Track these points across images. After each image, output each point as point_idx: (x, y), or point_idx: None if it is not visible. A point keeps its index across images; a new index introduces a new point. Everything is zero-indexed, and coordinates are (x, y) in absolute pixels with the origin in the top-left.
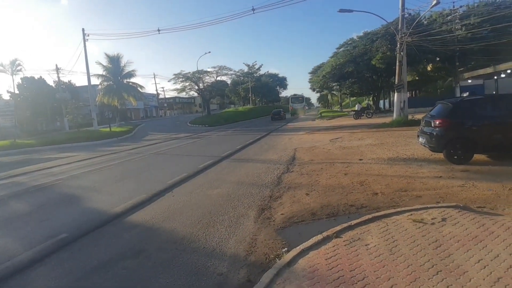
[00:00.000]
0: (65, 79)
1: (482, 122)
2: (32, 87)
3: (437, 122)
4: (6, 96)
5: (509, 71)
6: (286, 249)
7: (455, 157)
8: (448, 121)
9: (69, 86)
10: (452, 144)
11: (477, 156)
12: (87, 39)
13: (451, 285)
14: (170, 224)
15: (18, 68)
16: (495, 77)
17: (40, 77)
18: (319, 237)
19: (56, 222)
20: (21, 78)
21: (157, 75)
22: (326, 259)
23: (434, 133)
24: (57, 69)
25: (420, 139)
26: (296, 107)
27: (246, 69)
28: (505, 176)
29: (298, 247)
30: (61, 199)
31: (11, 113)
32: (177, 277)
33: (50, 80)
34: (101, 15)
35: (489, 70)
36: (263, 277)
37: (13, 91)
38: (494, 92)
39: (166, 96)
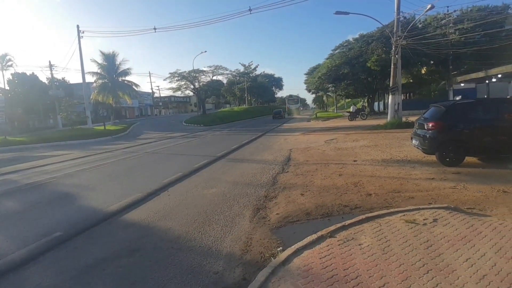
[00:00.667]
0: (58, 76)
1: (474, 125)
2: (24, 83)
3: (430, 125)
4: None
5: (500, 76)
6: (281, 248)
7: (447, 159)
8: (441, 124)
9: (63, 83)
10: (445, 146)
11: (468, 159)
12: (82, 36)
13: (441, 283)
14: (165, 223)
15: (9, 63)
16: (487, 81)
17: (33, 73)
18: (314, 236)
19: (51, 220)
20: (11, 74)
21: (152, 74)
22: (320, 258)
23: (427, 136)
24: (51, 66)
25: (414, 141)
26: (291, 108)
27: (242, 69)
28: (494, 178)
29: (293, 246)
30: (55, 197)
31: (1, 109)
32: (173, 275)
33: (43, 76)
34: (95, 12)
35: (481, 74)
36: (258, 276)
37: (3, 87)
38: (485, 96)
39: (162, 95)
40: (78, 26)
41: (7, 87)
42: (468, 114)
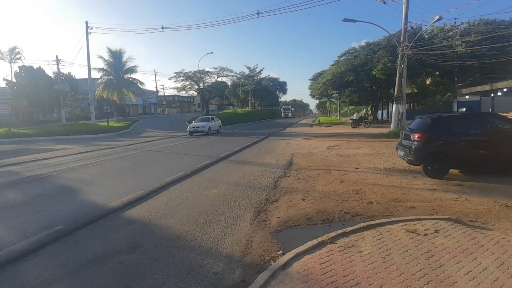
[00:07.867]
0: (65, 70)
1: (458, 138)
2: (30, 77)
3: (416, 136)
4: (2, 84)
5: (505, 90)
6: (281, 252)
7: (433, 171)
8: (427, 136)
9: (69, 78)
10: (430, 158)
11: (472, 172)
12: (90, 32)
13: None
14: (166, 221)
15: (18, 56)
16: (492, 95)
17: (39, 67)
18: (314, 242)
19: (52, 213)
20: (19, 67)
21: (157, 73)
22: (320, 264)
23: (413, 147)
24: (57, 60)
25: (399, 152)
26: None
27: (247, 71)
28: (497, 192)
29: (293, 251)
30: (58, 190)
31: (6, 101)
32: (173, 274)
33: (50, 71)
34: (103, 7)
35: (486, 87)
36: (258, 278)
37: (10, 79)
38: (490, 109)
39: (166, 94)
40: (86, 23)
41: (14, 80)
42: (454, 127)
